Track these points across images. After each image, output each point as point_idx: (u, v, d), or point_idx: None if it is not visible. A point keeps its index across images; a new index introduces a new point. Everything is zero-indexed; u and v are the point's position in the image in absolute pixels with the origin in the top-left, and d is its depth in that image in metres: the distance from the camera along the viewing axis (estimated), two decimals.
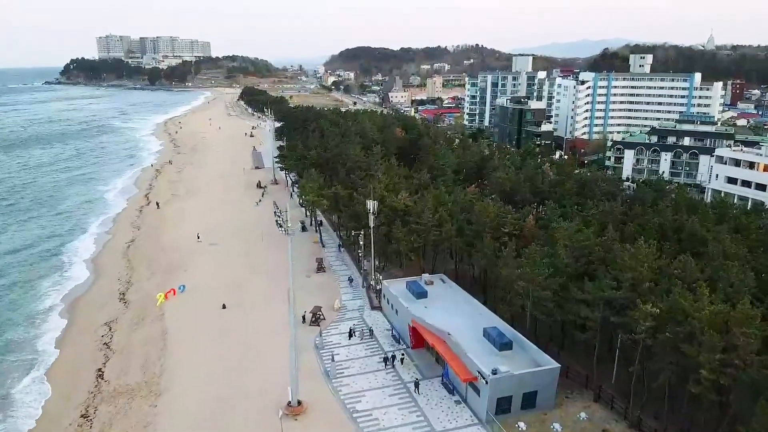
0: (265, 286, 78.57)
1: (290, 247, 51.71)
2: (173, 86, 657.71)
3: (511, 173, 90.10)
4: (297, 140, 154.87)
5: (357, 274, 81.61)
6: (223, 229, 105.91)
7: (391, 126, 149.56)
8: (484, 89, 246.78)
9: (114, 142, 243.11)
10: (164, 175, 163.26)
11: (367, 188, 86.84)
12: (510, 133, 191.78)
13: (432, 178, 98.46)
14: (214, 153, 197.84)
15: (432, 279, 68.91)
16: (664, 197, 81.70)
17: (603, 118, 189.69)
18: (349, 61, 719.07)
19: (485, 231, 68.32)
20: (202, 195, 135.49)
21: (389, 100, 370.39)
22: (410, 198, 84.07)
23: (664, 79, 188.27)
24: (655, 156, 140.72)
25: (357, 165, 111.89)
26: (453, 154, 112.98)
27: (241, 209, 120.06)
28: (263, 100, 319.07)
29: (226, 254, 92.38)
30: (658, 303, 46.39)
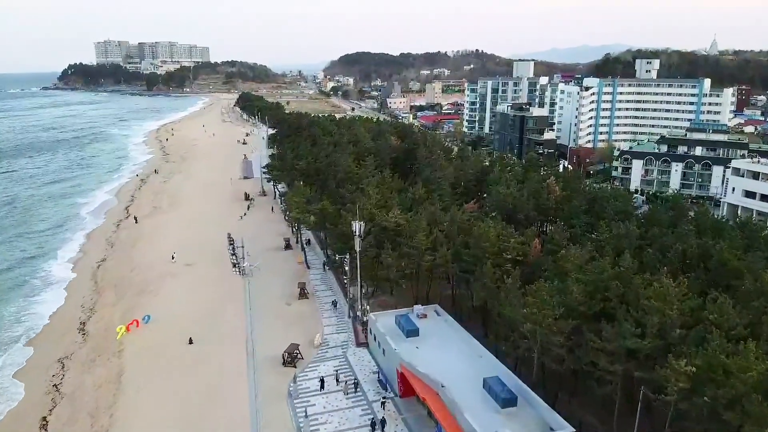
0: (239, 316, 70.53)
1: (247, 292, 43.41)
2: (171, 92, 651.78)
3: (513, 188, 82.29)
4: (288, 149, 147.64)
5: (343, 300, 73.77)
6: (201, 246, 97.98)
7: (386, 134, 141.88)
8: (484, 95, 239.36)
9: (105, 150, 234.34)
10: (149, 185, 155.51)
11: (355, 204, 79.32)
12: (511, 141, 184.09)
13: (427, 192, 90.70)
14: (203, 161, 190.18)
15: (425, 311, 60.98)
16: (683, 216, 73.92)
17: (608, 126, 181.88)
18: (349, 67, 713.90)
19: (485, 257, 60.52)
20: (185, 208, 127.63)
21: (388, 106, 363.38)
22: (402, 216, 76.29)
23: (672, 85, 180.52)
24: (666, 167, 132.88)
25: (348, 177, 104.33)
26: (451, 166, 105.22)
27: (223, 224, 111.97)
28: (258, 106, 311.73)
29: (202, 277, 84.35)
30: (692, 357, 38.51)
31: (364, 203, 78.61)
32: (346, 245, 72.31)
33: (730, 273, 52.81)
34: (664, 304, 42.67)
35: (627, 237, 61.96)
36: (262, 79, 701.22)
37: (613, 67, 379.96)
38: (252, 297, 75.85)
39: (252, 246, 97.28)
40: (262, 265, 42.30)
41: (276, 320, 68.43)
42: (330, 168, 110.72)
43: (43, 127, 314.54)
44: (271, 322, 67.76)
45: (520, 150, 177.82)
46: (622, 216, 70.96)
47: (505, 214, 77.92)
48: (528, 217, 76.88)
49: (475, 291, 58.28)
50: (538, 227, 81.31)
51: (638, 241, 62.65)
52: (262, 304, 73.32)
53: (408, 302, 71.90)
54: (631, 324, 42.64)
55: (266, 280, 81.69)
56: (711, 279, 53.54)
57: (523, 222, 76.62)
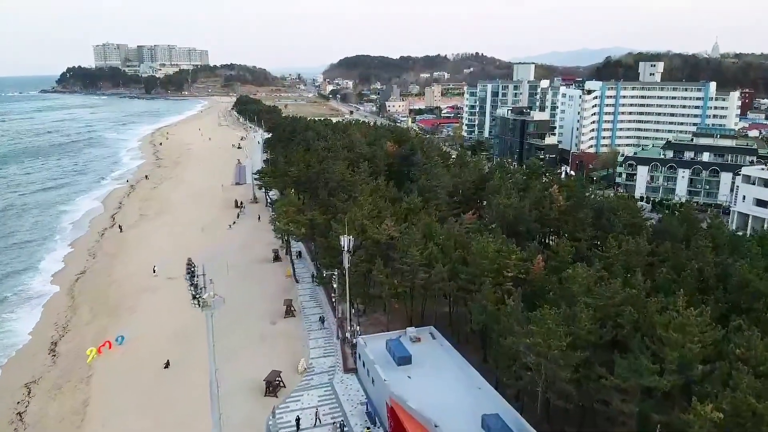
0: (222, 336, 65.64)
1: (210, 330, 38.52)
2: (169, 95, 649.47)
3: (513, 198, 77.49)
4: (280, 154, 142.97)
5: (332, 316, 69.01)
6: (185, 258, 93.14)
7: (382, 139, 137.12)
8: (483, 99, 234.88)
9: (98, 155, 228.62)
10: (138, 192, 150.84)
11: (346, 215, 74.63)
12: (511, 145, 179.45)
13: (423, 201, 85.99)
14: (196, 166, 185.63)
15: (419, 334, 56.15)
16: (696, 229, 69.14)
17: (611, 131, 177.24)
18: (349, 70, 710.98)
19: (483, 275, 55.79)
20: (173, 216, 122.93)
21: (386, 110, 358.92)
22: (396, 227, 71.57)
23: (677, 89, 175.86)
24: (672, 173, 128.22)
25: (340, 185, 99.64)
26: (448, 173, 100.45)
27: (211, 233, 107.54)
28: (255, 109, 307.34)
29: (184, 291, 79.34)
30: (718, 400, 33.75)
31: (356, 214, 73.99)
32: (335, 260, 67.64)
33: (753, 295, 48.01)
34: (684, 337, 37.90)
35: (638, 253, 57.20)
36: (261, 83, 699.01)
37: (614, 70, 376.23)
38: (235, 314, 71.02)
39: (240, 257, 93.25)
40: (214, 303, 37.18)
41: (259, 341, 63.70)
42: (321, 175, 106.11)
43: (37, 132, 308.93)
44: (254, 344, 63.03)
45: (521, 155, 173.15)
46: (630, 229, 66.22)
47: (505, 225, 73.21)
48: (530, 229, 72.13)
49: (474, 313, 53.53)
50: (541, 240, 76.55)
51: (649, 258, 57.94)
52: (245, 323, 68.64)
53: (402, 320, 67.34)
54: (647, 358, 37.88)
55: (252, 296, 77.09)
56: (731, 301, 48.82)
57: (524, 234, 71.93)
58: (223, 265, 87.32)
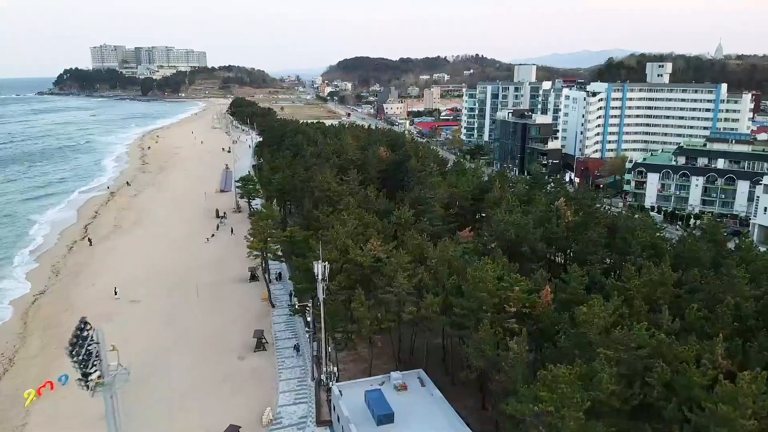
0: (184, 375, 57.33)
1: (112, 416, 30.10)
2: (166, 97, 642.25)
3: (515, 212, 69.08)
4: (268, 159, 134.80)
5: (308, 349, 60.51)
6: (155, 276, 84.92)
7: (375, 144, 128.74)
8: (483, 101, 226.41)
9: (85, 160, 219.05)
10: (117, 199, 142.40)
11: (330, 230, 66.36)
12: (512, 150, 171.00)
13: (416, 215, 77.68)
14: (182, 172, 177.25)
15: (405, 380, 47.71)
16: (724, 250, 60.80)
17: (617, 134, 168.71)
18: (348, 72, 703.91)
19: (481, 310, 47.42)
20: (149, 227, 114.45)
21: (384, 112, 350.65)
22: (383, 247, 63.23)
23: (687, 91, 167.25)
24: (684, 181, 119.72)
25: (326, 195, 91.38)
26: (444, 182, 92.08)
27: (187, 247, 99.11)
28: (249, 112, 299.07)
29: (146, 317, 71.18)
30: None
31: (338, 231, 65.66)
32: (313, 285, 59.17)
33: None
34: (735, 410, 29.48)
35: (662, 284, 48.78)
36: (259, 84, 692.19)
37: (616, 71, 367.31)
38: (199, 348, 62.74)
39: (214, 275, 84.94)
40: (131, 371, 28.87)
41: (222, 383, 55.16)
42: (307, 184, 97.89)
43: (29, 136, 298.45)
44: (215, 387, 54.48)
45: (522, 160, 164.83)
46: (650, 251, 57.80)
47: (506, 245, 64.85)
48: (534, 249, 63.70)
49: (471, 356, 45.12)
50: (548, 262, 68.08)
51: (675, 289, 49.53)
52: (209, 358, 60.24)
53: (388, 354, 59.04)
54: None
55: (221, 323, 68.72)
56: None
57: (528, 255, 63.55)
58: (193, 285, 79.26)
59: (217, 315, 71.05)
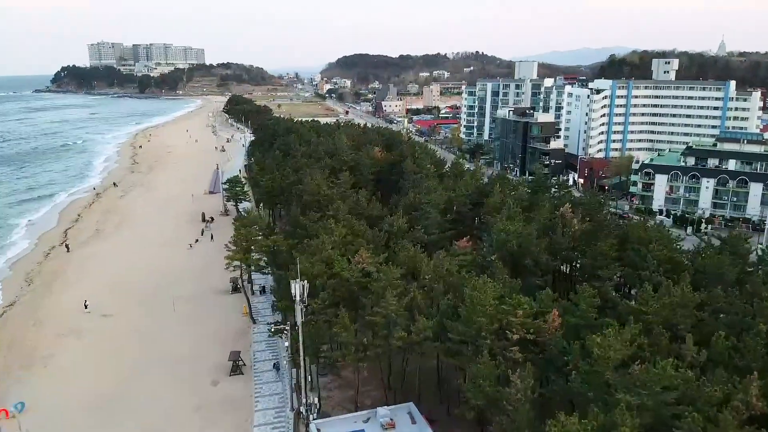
0: (151, 405, 51.73)
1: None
2: (163, 94, 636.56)
3: (517, 220, 63.33)
4: (259, 160, 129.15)
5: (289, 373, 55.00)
6: (131, 287, 79.32)
7: (370, 144, 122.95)
8: (483, 98, 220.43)
9: (75, 159, 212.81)
10: (102, 201, 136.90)
11: (312, 243, 60.78)
12: (513, 149, 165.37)
13: (410, 221, 72.08)
14: (172, 172, 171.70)
15: (393, 417, 42.19)
16: (746, 265, 55.15)
17: (621, 134, 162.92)
18: (347, 69, 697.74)
19: (480, 336, 41.89)
20: (131, 231, 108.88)
21: (382, 110, 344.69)
22: (373, 259, 57.69)
23: (694, 88, 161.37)
24: (694, 183, 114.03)
25: (315, 200, 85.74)
26: (441, 185, 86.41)
27: (168, 254, 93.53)
28: (244, 109, 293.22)
29: (116, 334, 65.64)
30: None
31: (323, 242, 60.07)
32: (293, 305, 53.60)
33: None
34: None
35: (683, 307, 43.20)
36: (258, 82, 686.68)
37: (618, 68, 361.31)
38: (171, 370, 57.18)
39: (194, 286, 79.47)
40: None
41: (191, 415, 49.57)
42: (295, 186, 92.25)
43: (22, 135, 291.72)
44: (183, 421, 48.90)
45: (523, 160, 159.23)
46: (667, 267, 52.15)
47: (507, 257, 59.25)
48: (538, 262, 58.05)
49: (468, 392, 39.58)
50: (554, 275, 62.37)
51: (698, 313, 43.96)
52: (180, 383, 54.70)
53: (377, 379, 53.52)
54: None
55: (196, 342, 63.18)
56: None
57: (531, 269, 57.93)
58: (171, 297, 73.69)
59: (193, 331, 65.56)
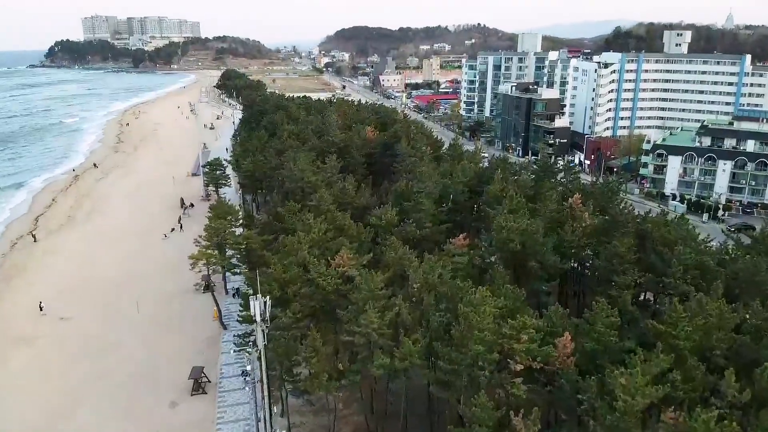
0: (104, 429, 44.96)
1: None
2: (158, 68, 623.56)
3: (521, 214, 55.69)
4: (243, 140, 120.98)
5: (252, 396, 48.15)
6: (95, 285, 72.16)
7: (363, 123, 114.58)
8: (484, 73, 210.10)
9: (60, 138, 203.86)
10: (79, 184, 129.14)
11: (288, 240, 53.43)
12: (515, 127, 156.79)
13: (401, 213, 64.57)
14: (156, 151, 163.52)
15: None
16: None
17: (630, 110, 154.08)
18: (345, 42, 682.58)
19: (476, 365, 34.75)
20: (105, 219, 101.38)
21: (380, 84, 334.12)
22: (355, 261, 50.42)
23: (708, 62, 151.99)
24: (710, 165, 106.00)
25: (298, 187, 78.12)
26: (437, 170, 78.68)
27: (140, 246, 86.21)
28: (236, 85, 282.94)
29: (72, 342, 58.64)
30: None
31: (299, 239, 52.69)
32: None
33: None
34: None
35: (720, 328, 35.95)
36: (254, 56, 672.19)
37: (624, 42, 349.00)
38: (124, 389, 50.25)
39: (164, 283, 72.24)
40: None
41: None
42: (277, 172, 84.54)
43: (13, 113, 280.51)
44: None
45: (526, 139, 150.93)
46: (696, 273, 44.79)
47: (510, 258, 51.95)
48: (545, 264, 50.65)
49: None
50: (561, 282, 54.99)
51: (738, 337, 36.73)
52: (134, 406, 47.82)
53: (358, 402, 46.71)
54: None
55: (158, 352, 56.22)
56: None
57: (536, 271, 50.61)
58: (136, 298, 66.57)
59: (155, 339, 58.61)
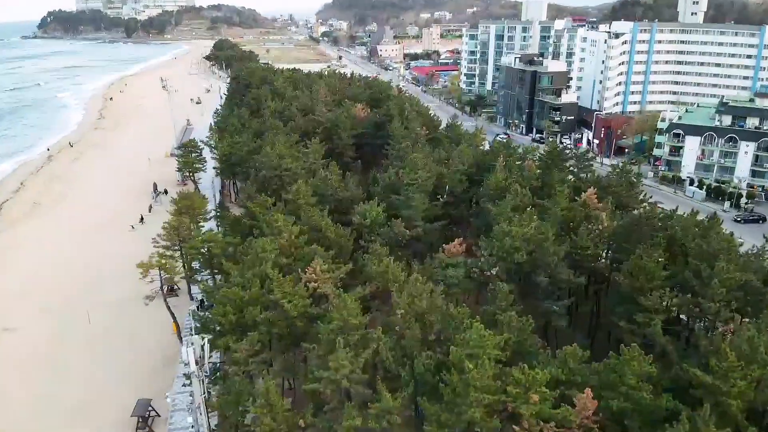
0: None
1: None
2: (150, 39, 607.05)
3: (526, 216, 47.24)
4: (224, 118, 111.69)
5: None
6: (49, 288, 64.32)
7: (353, 100, 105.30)
8: (485, 43, 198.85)
9: (42, 115, 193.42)
10: (52, 166, 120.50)
11: (251, 249, 45.30)
12: (519, 102, 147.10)
13: (389, 209, 56.33)
14: (138, 128, 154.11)
15: None
16: None
17: (642, 84, 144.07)
18: (344, 11, 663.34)
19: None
20: (72, 207, 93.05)
21: (377, 54, 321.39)
22: (330, 275, 42.44)
23: (726, 33, 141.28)
24: (732, 147, 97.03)
25: (276, 176, 69.63)
26: (432, 157, 69.98)
27: (105, 239, 78.04)
28: (227, 56, 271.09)
29: (11, 360, 51.02)
30: None
31: (263, 246, 44.47)
32: (225, 335, 38.46)
33: None
34: None
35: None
36: (250, 25, 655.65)
37: (631, 10, 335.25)
38: (66, 417, 42.70)
39: (124, 287, 63.83)
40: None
41: None
42: (253, 157, 75.81)
43: (3, 87, 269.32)
44: None
45: (530, 116, 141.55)
46: (740, 294, 36.73)
47: (513, 270, 43.87)
48: (556, 279, 42.53)
49: None
50: (575, 299, 46.70)
51: None
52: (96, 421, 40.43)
53: None
54: None
55: (105, 371, 48.56)
56: None
57: (546, 287, 42.52)
58: (92, 302, 58.76)
59: (105, 358, 50.95)
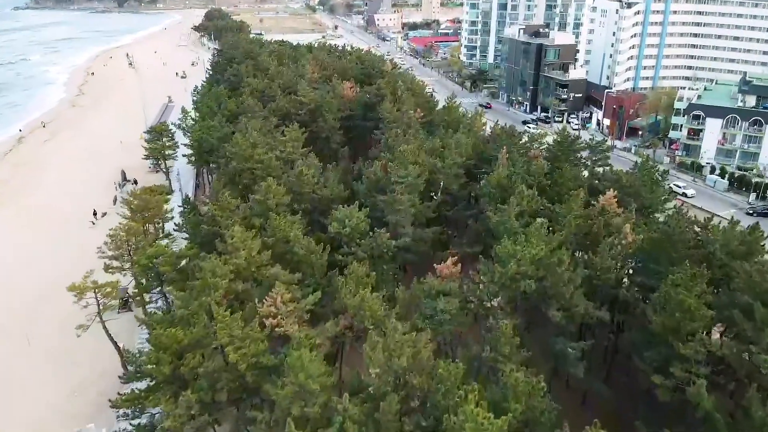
0: None
1: None
2: (142, 8, 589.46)
3: (533, 230, 39.09)
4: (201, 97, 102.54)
5: None
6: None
7: (343, 77, 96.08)
8: (487, 13, 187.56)
9: (30, 90, 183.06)
10: (20, 149, 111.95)
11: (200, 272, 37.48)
12: (523, 78, 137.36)
13: (374, 211, 48.34)
14: (117, 106, 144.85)
15: None
16: None
17: (655, 59, 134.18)
18: None
19: None
20: (35, 196, 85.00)
21: (374, 24, 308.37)
22: (294, 306, 34.77)
23: (744, 3, 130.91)
24: (757, 130, 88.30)
25: (248, 168, 61.31)
26: (423, 150, 61.47)
27: (63, 237, 70.15)
28: (217, 26, 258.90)
29: None
30: None
31: (213, 269, 36.51)
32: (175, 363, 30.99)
33: None
34: None
35: None
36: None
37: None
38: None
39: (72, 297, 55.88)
40: None
41: None
42: (223, 145, 67.17)
43: None
44: None
45: (535, 92, 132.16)
46: None
47: (520, 300, 36.06)
48: (573, 313, 34.67)
49: None
50: (594, 339, 38.84)
51: None
52: None
53: None
54: None
55: (40, 411, 41.20)
56: None
57: (559, 322, 34.73)
58: (39, 318, 51.22)
59: (43, 387, 43.54)
